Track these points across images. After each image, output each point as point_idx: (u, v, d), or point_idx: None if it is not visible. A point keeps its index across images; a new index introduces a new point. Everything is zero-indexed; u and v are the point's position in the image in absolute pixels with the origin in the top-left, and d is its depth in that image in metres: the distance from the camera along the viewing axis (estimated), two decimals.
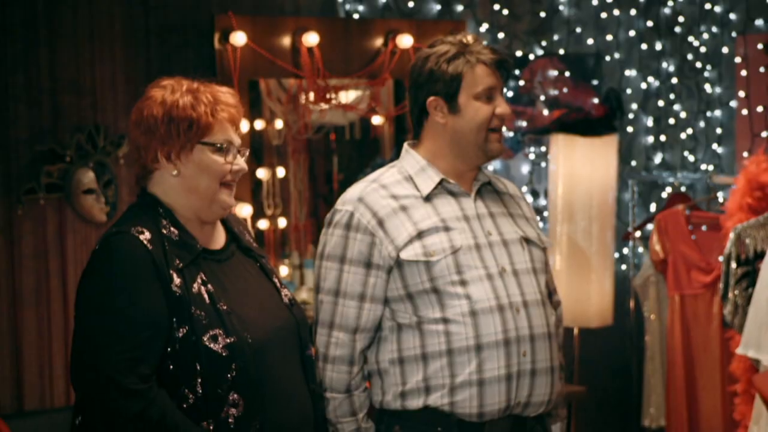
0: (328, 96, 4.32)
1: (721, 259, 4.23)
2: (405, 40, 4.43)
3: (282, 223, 4.58)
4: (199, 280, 2.40)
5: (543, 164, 5.13)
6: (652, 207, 5.44)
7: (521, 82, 5.06)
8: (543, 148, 5.11)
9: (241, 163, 2.48)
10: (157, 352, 2.32)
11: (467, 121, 2.76)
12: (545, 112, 5.11)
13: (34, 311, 4.03)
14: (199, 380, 2.34)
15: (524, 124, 5.07)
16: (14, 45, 3.98)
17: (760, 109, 5.02)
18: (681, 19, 5.37)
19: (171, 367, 2.33)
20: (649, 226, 5.13)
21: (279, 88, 4.45)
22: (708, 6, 5.31)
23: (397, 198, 2.77)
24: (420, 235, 2.72)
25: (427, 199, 2.77)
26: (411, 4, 4.78)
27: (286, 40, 4.30)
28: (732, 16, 5.25)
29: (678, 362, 4.60)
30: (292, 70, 4.28)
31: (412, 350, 2.71)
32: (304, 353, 2.55)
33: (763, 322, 3.65)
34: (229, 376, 2.36)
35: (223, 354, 2.35)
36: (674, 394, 4.63)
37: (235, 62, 4.15)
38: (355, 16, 4.63)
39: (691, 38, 5.38)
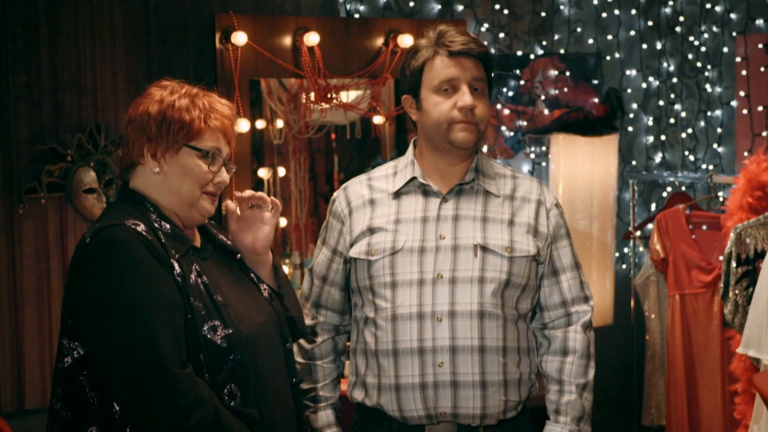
0: (328, 95, 4.32)
1: (721, 258, 4.23)
2: (406, 40, 4.44)
3: (283, 222, 4.59)
4: (195, 272, 2.41)
5: (543, 164, 5.13)
6: (653, 206, 5.45)
7: (522, 82, 5.07)
8: (543, 148, 5.12)
9: (223, 175, 2.49)
10: (183, 336, 2.32)
11: (428, 117, 2.73)
12: (546, 111, 5.11)
13: (35, 310, 4.03)
14: (205, 370, 2.35)
15: (525, 123, 5.07)
16: (15, 44, 3.98)
17: (760, 108, 5.02)
18: (681, 18, 5.37)
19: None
20: (650, 226, 5.13)
21: (280, 88, 4.45)
22: (708, 6, 5.31)
23: (372, 191, 2.81)
24: (371, 231, 2.74)
25: (396, 195, 2.77)
26: (412, 4, 4.78)
27: (287, 40, 4.30)
28: (732, 15, 5.25)
29: (678, 361, 4.60)
30: (293, 69, 4.28)
31: (355, 344, 2.81)
32: (284, 346, 2.57)
33: (763, 322, 3.65)
34: (226, 367, 2.38)
35: (222, 345, 2.37)
36: (675, 393, 4.63)
37: (236, 62, 4.15)
38: (356, 15, 4.63)
39: (691, 38, 5.38)
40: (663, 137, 5.44)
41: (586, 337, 2.84)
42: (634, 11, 5.33)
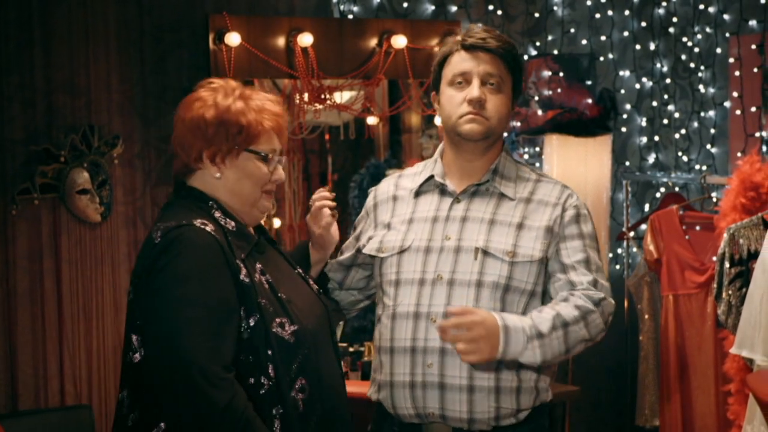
0: (322, 96, 4.32)
1: (714, 259, 4.24)
2: (399, 41, 4.44)
3: (276, 223, 4.58)
4: (258, 271, 2.44)
5: (537, 164, 5.14)
6: (646, 207, 5.45)
7: None
8: (537, 148, 5.12)
9: (280, 173, 2.53)
10: (233, 341, 2.33)
11: (443, 110, 2.74)
12: (539, 112, 5.11)
13: (28, 311, 4.03)
14: (271, 367, 2.37)
15: (518, 124, 5.07)
16: (8, 45, 3.97)
17: (753, 109, 5.03)
18: (675, 19, 5.37)
19: (241, 356, 2.35)
20: (643, 226, 5.14)
21: (273, 89, 4.45)
22: (702, 6, 5.32)
23: (398, 188, 2.85)
24: (388, 227, 2.77)
25: (417, 194, 2.79)
26: (405, 5, 4.78)
27: (281, 41, 4.30)
28: (726, 16, 5.26)
29: (672, 362, 4.60)
30: (287, 70, 4.28)
31: (374, 340, 2.82)
32: (333, 339, 2.60)
33: (756, 322, 3.65)
34: (296, 362, 2.40)
35: (291, 341, 2.40)
36: (668, 393, 4.64)
37: (229, 62, 4.15)
38: (350, 16, 4.63)
39: (684, 39, 5.39)
40: (656, 138, 5.45)
41: (595, 307, 2.65)
42: (627, 12, 5.34)
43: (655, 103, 5.43)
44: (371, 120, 4.58)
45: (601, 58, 5.31)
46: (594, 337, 2.65)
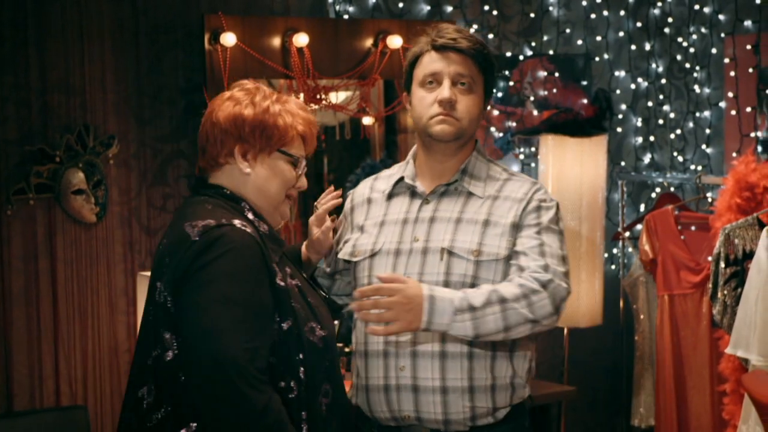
0: (318, 96, 4.32)
1: (710, 259, 4.24)
2: (395, 41, 4.44)
3: None
4: (289, 274, 2.45)
5: (533, 165, 5.14)
6: (642, 207, 5.46)
7: (511, 83, 5.07)
8: (533, 149, 5.12)
9: (303, 180, 2.56)
10: (269, 345, 2.34)
11: (414, 111, 2.73)
12: (535, 112, 5.11)
13: (23, 311, 4.02)
14: (302, 370, 2.37)
15: (514, 124, 5.08)
16: (3, 45, 3.97)
17: (748, 109, 5.04)
18: (670, 19, 5.38)
19: (272, 359, 2.35)
20: (639, 226, 5.14)
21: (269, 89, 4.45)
22: (697, 7, 5.32)
23: (373, 190, 2.85)
24: (361, 230, 2.77)
25: (390, 196, 2.79)
26: (401, 5, 4.78)
27: (276, 41, 4.30)
28: (721, 16, 5.26)
29: (667, 362, 4.61)
30: (282, 70, 4.28)
31: (352, 344, 2.82)
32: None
33: (751, 322, 3.66)
34: (323, 367, 2.42)
35: (320, 346, 2.41)
36: (663, 393, 4.64)
37: (225, 62, 4.15)
38: (345, 16, 4.63)
39: (680, 39, 5.39)
40: (652, 138, 5.45)
41: (541, 287, 2.55)
42: (622, 12, 5.34)
43: (650, 104, 5.43)
44: (367, 120, 4.58)
45: (597, 59, 5.31)
46: (540, 318, 2.54)
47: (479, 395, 2.62)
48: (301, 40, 4.27)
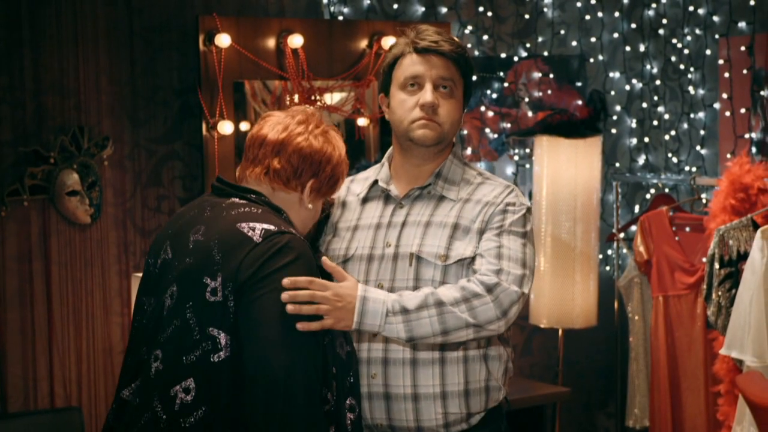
0: (312, 97, 4.32)
1: (704, 260, 4.25)
2: (389, 42, 4.43)
3: None
4: None
5: (527, 166, 5.14)
6: (636, 208, 5.46)
7: (505, 84, 5.07)
8: (527, 150, 5.12)
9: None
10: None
11: (393, 114, 2.69)
12: (529, 113, 5.11)
13: (17, 313, 4.01)
14: (335, 384, 2.39)
15: (508, 125, 5.08)
16: None
17: (743, 110, 5.04)
18: (664, 21, 5.39)
19: None
20: (633, 228, 5.15)
21: (264, 90, 4.44)
22: (691, 8, 5.33)
23: (348, 193, 2.82)
24: (334, 233, 2.74)
25: (364, 200, 2.76)
26: (395, 6, 4.78)
27: (271, 42, 4.29)
28: (715, 18, 5.27)
29: (662, 363, 4.61)
30: (277, 71, 4.28)
31: None
32: None
33: (746, 323, 3.67)
34: (347, 382, 2.45)
35: (345, 360, 2.45)
36: (658, 394, 4.64)
37: (219, 64, 4.14)
38: (340, 17, 4.63)
39: (674, 40, 5.40)
40: (646, 139, 5.46)
41: (485, 292, 2.52)
42: (617, 14, 5.35)
43: (644, 105, 5.44)
44: (362, 121, 4.58)
45: (591, 60, 5.32)
46: (483, 323, 2.49)
47: (452, 401, 2.60)
48: (296, 41, 4.27)
